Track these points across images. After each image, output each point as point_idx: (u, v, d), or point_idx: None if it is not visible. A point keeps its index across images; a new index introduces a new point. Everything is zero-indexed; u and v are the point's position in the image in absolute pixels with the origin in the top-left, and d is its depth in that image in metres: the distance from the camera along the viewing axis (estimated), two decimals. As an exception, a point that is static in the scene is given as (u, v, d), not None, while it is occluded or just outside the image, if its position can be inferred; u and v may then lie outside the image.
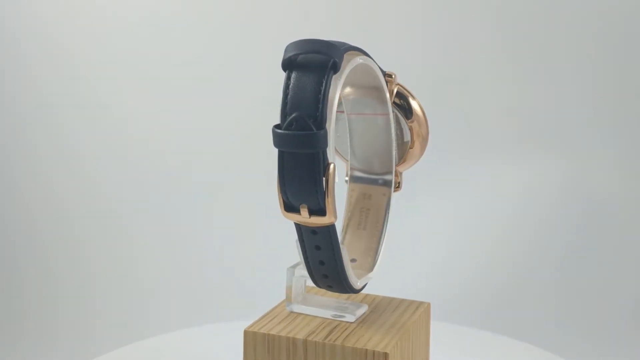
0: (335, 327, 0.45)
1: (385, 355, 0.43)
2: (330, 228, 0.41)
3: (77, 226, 1.04)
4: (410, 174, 0.91)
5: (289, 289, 0.48)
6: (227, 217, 1.03)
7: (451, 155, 0.91)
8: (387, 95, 0.46)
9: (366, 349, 0.43)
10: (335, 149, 0.51)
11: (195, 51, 1.05)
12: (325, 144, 0.38)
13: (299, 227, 0.42)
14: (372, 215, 0.50)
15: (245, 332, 0.45)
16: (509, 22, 1.03)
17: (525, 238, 0.99)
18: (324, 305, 0.48)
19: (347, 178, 0.51)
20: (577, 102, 1.02)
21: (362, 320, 0.46)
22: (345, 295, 0.50)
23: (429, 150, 0.48)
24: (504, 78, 1.01)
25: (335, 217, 0.40)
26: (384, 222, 0.49)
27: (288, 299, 0.48)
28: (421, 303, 0.50)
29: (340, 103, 0.49)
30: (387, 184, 0.49)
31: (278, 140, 0.39)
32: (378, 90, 0.46)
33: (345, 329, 0.45)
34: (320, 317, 0.47)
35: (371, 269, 0.48)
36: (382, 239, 0.49)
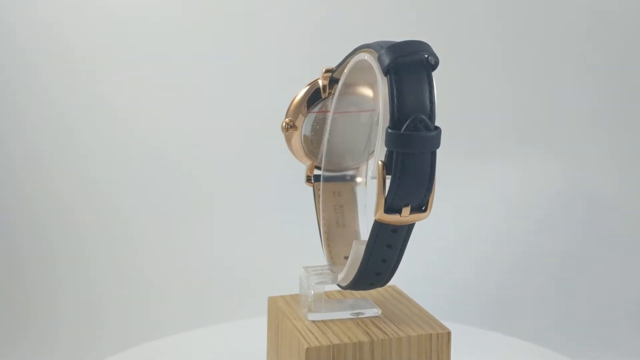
0: (377, 323, 0.46)
1: (449, 334, 0.45)
2: (411, 225, 0.42)
3: (80, 227, 1.02)
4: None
5: (311, 298, 0.46)
6: (229, 219, 1.01)
7: (451, 155, 0.83)
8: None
9: (430, 334, 0.45)
10: (305, 150, 0.50)
11: (200, 52, 1.03)
12: (440, 142, 0.39)
13: (378, 227, 0.41)
14: (347, 211, 0.50)
15: (308, 350, 0.43)
16: (509, 21, 1.02)
17: (525, 238, 0.99)
18: (339, 308, 0.47)
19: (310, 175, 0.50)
20: (577, 102, 1.01)
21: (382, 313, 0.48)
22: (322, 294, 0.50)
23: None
24: (503, 77, 1.01)
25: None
26: (358, 216, 0.50)
27: (310, 309, 0.46)
28: (391, 286, 0.52)
29: (325, 103, 0.48)
30: (354, 177, 0.50)
31: (399, 142, 0.38)
32: (372, 87, 0.47)
33: (385, 322, 0.46)
34: (346, 319, 0.46)
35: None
36: (362, 232, 0.50)
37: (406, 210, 0.40)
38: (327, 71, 0.47)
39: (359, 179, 0.50)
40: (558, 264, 0.98)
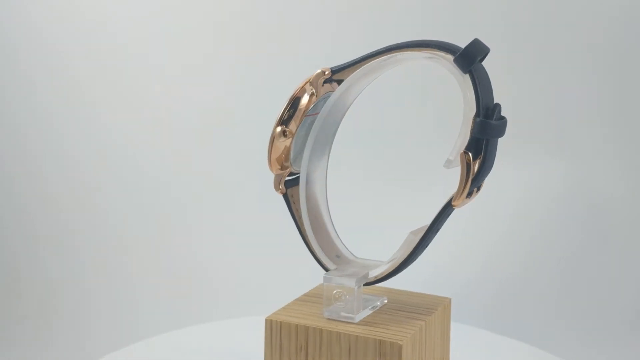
0: (399, 309, 0.48)
1: (450, 300, 0.50)
2: None
3: (74, 228, 1.04)
4: (410, 173, 0.92)
5: (355, 301, 0.45)
6: (222, 219, 1.02)
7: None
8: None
9: (444, 305, 0.49)
10: (291, 155, 0.46)
11: (192, 59, 1.03)
12: None
13: (446, 214, 0.44)
14: (317, 213, 0.49)
15: (404, 347, 0.43)
16: (509, 21, 0.99)
17: (526, 239, 0.97)
18: (365, 305, 0.47)
19: (281, 186, 0.47)
20: (579, 101, 0.98)
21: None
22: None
23: (431, 149, 0.49)
24: (503, 77, 0.95)
25: None
26: (325, 215, 0.50)
27: (352, 312, 0.45)
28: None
29: (316, 105, 0.46)
30: (315, 178, 0.49)
31: (492, 131, 0.42)
32: (350, 89, 0.47)
33: (402, 306, 0.48)
34: (372, 312, 0.47)
35: (355, 256, 0.49)
36: (331, 231, 0.50)
37: (474, 193, 0.45)
38: (323, 72, 0.46)
39: (314, 179, 0.50)
40: (559, 266, 0.98)
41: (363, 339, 0.44)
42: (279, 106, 0.46)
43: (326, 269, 0.49)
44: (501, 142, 0.44)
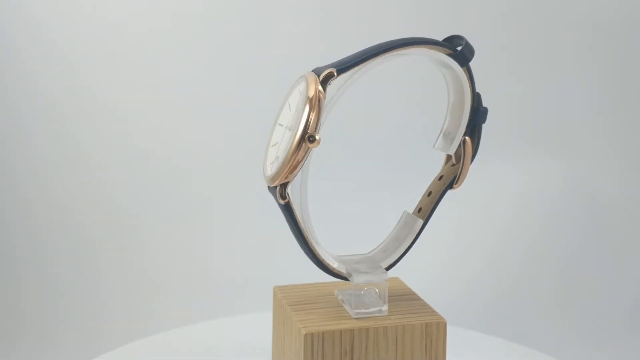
0: (392, 295, 0.49)
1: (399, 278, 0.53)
2: None
3: (79, 223, 1.03)
4: (410, 173, 0.86)
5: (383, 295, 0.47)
6: (229, 217, 1.02)
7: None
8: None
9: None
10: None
11: (202, 57, 1.02)
12: None
13: (442, 196, 0.48)
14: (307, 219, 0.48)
15: (444, 323, 0.45)
16: (510, 20, 0.98)
17: (527, 240, 0.97)
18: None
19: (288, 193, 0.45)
20: (579, 102, 0.99)
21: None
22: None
23: (430, 149, 0.47)
24: (504, 77, 0.96)
25: None
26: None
27: (383, 304, 0.47)
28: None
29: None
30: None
31: (485, 116, 0.48)
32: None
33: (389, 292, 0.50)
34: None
35: (340, 255, 0.49)
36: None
37: None
38: (331, 73, 0.44)
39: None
40: (560, 267, 0.96)
41: (410, 327, 0.46)
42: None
43: (336, 274, 0.48)
44: (502, 141, 0.51)
